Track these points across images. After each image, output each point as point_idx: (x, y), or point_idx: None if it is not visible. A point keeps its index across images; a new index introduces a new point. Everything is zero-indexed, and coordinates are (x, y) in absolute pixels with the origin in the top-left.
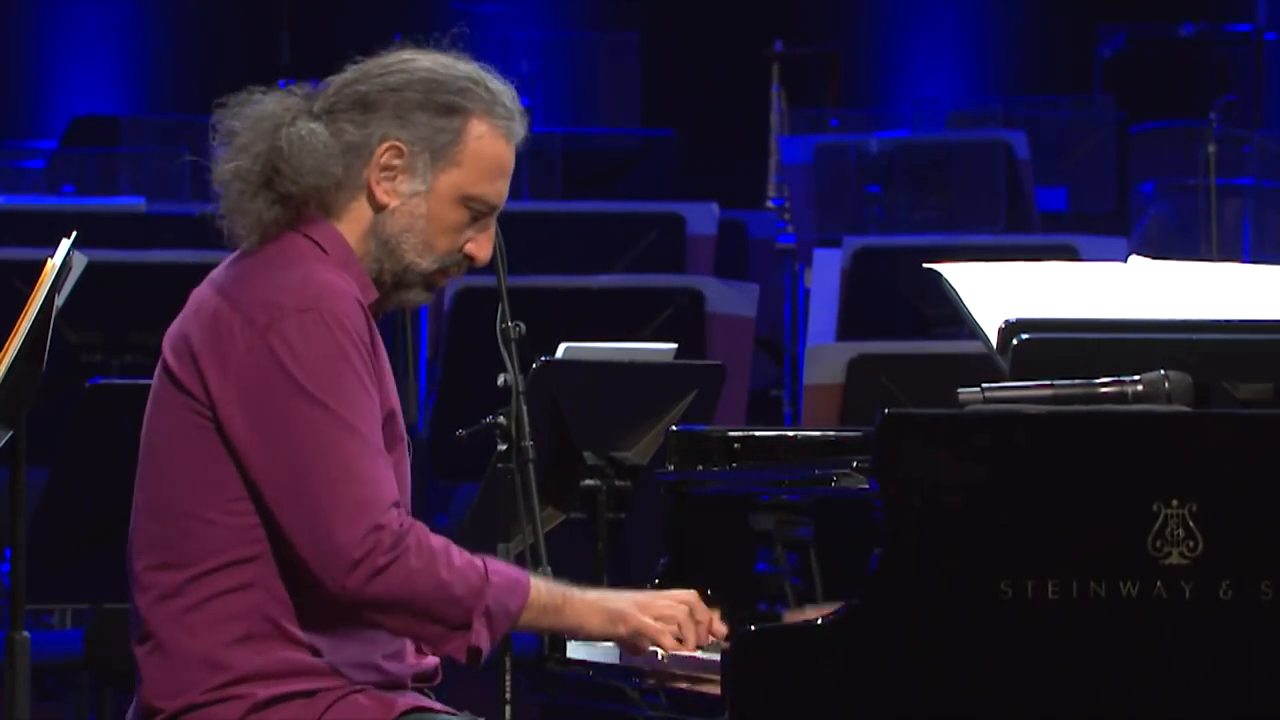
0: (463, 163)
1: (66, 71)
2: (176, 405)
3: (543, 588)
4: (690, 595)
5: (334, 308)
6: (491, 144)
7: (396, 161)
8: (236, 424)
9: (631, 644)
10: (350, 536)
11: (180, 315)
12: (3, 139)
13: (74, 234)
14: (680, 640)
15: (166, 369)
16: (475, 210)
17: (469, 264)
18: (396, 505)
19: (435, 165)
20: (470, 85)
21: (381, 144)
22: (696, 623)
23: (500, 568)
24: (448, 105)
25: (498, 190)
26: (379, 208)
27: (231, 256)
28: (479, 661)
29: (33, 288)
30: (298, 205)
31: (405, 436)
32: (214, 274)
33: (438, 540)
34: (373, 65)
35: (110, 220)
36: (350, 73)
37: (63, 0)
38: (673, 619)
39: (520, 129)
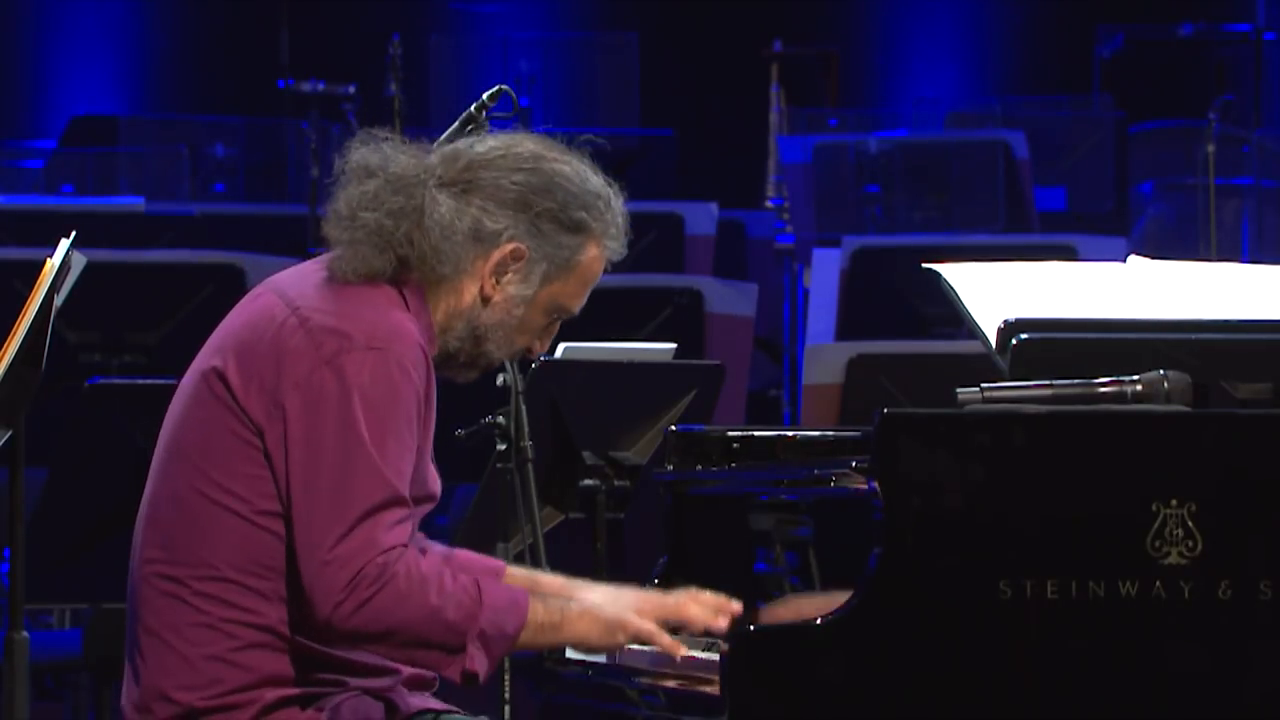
0: (569, 279)
1: (65, 71)
2: (221, 413)
3: (540, 607)
4: (686, 592)
5: (402, 353)
6: (597, 265)
7: (514, 264)
8: (277, 441)
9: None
10: (339, 573)
11: (239, 321)
12: (2, 139)
13: (73, 234)
14: (682, 630)
15: (222, 376)
16: (555, 317)
17: (524, 356)
18: (404, 547)
19: (547, 277)
20: (599, 205)
21: (508, 244)
22: (702, 605)
23: (496, 589)
24: (577, 223)
25: (582, 303)
26: (483, 298)
27: (309, 270)
28: (477, 684)
29: (32, 288)
30: (409, 270)
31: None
32: (285, 284)
33: (430, 566)
34: (510, 154)
35: (109, 220)
36: (484, 149)
37: (62, 0)
38: (673, 612)
39: (622, 251)
